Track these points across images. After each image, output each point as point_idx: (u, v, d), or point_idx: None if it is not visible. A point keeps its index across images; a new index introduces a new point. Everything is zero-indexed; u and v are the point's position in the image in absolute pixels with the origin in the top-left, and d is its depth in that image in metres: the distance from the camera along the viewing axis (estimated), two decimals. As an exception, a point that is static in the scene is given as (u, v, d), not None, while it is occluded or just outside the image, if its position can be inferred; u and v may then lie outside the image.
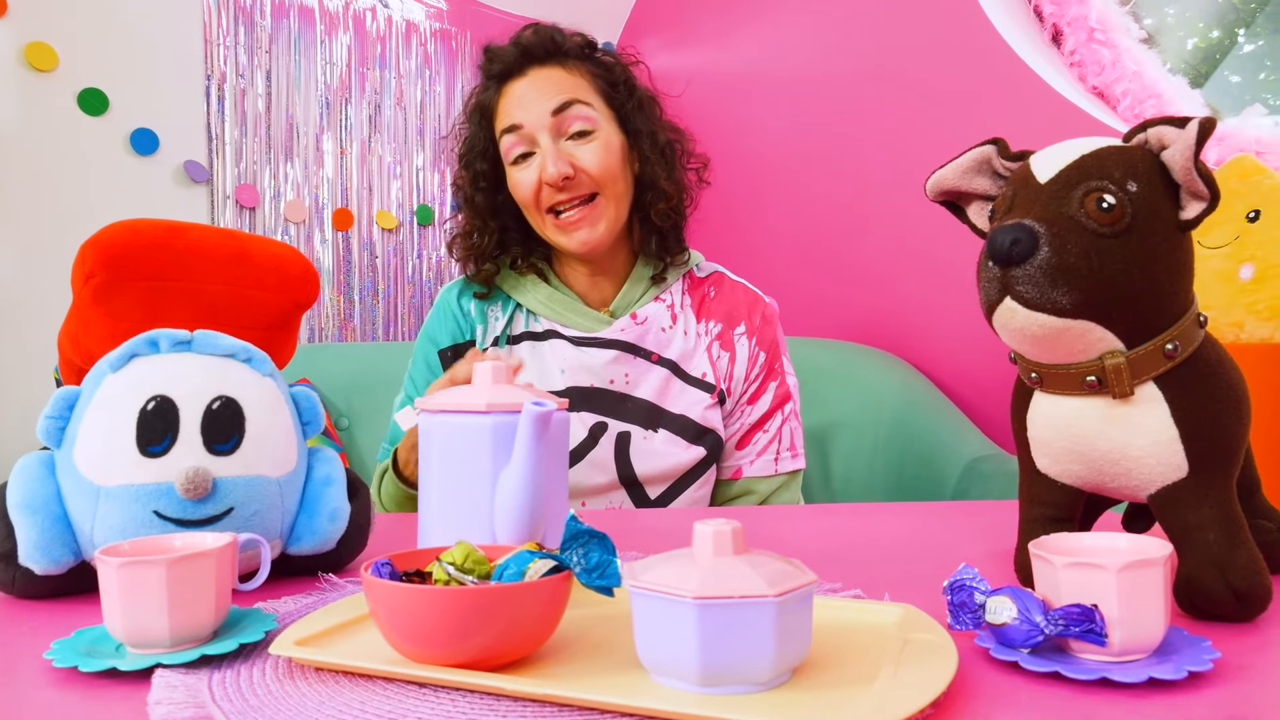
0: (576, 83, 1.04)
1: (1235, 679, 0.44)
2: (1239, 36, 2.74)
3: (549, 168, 0.99)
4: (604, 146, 1.02)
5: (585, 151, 1.01)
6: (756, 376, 1.09)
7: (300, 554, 0.62)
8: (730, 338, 1.09)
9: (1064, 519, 0.58)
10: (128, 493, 0.55)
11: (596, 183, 1.01)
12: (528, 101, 1.02)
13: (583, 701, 0.41)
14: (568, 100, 1.02)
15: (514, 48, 1.05)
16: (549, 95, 1.02)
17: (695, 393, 1.06)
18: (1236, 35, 2.72)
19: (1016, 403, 0.59)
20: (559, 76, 1.04)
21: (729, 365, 1.08)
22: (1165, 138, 0.50)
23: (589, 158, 1.01)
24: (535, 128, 1.01)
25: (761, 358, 1.10)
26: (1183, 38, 2.78)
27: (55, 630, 0.52)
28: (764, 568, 0.43)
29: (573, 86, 1.03)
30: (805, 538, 0.78)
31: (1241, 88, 2.85)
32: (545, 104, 1.01)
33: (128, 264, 0.63)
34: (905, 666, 0.44)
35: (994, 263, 0.50)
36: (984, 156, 0.58)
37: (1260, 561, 0.52)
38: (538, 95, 1.02)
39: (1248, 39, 2.84)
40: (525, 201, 1.04)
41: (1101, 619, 0.43)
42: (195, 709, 0.41)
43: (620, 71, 1.08)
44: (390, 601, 0.43)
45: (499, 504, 0.53)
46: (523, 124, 1.02)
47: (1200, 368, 0.52)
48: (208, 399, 0.57)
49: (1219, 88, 2.84)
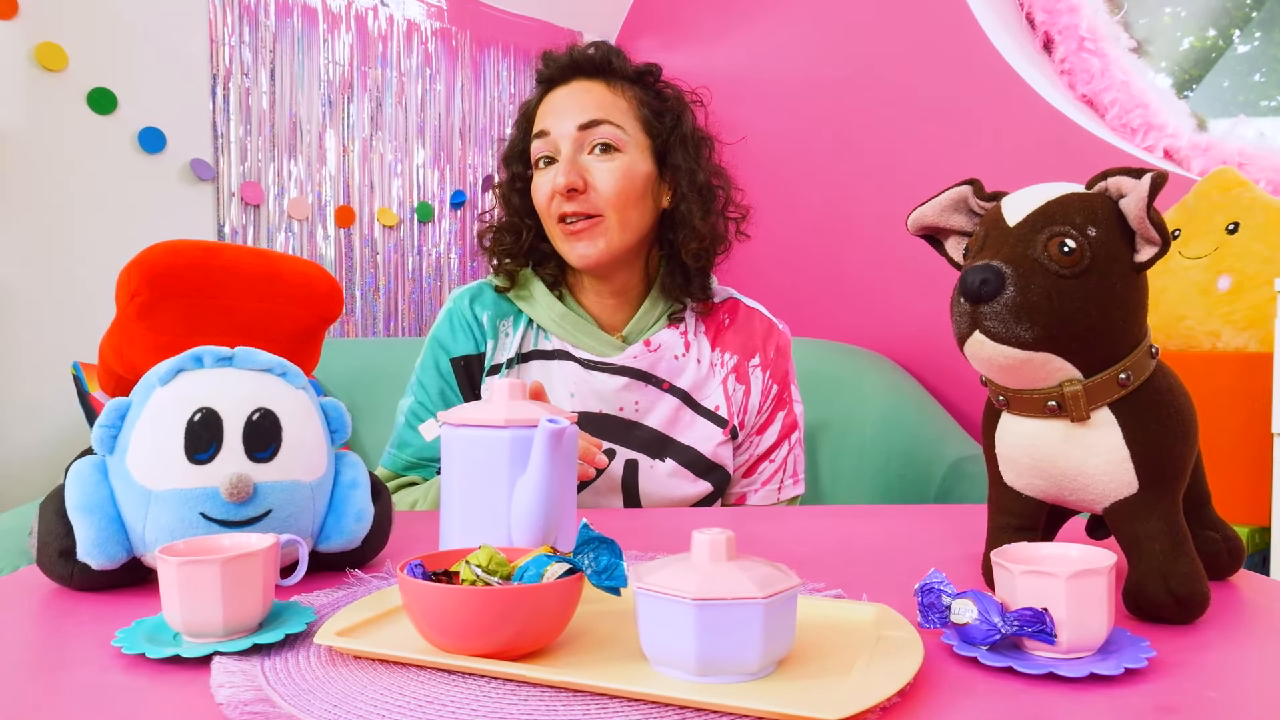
0: (615, 103, 1.05)
1: (1168, 675, 0.50)
2: (1234, 38, 2.78)
3: (559, 177, 1.02)
4: (623, 170, 1.03)
5: (602, 169, 1.03)
6: (767, 408, 1.11)
7: (329, 551, 0.68)
8: (745, 370, 1.11)
9: (1028, 528, 0.64)
10: (176, 496, 0.60)
11: (606, 202, 1.02)
12: (560, 111, 1.05)
13: (593, 688, 0.46)
14: (598, 119, 1.03)
15: (566, 57, 1.08)
16: (582, 109, 1.04)
17: (706, 426, 1.07)
18: (1232, 37, 2.76)
19: (986, 422, 0.64)
20: (599, 93, 1.05)
21: (744, 399, 1.10)
22: (1123, 187, 0.56)
23: (604, 177, 1.02)
24: (560, 137, 1.04)
25: (774, 390, 1.12)
26: (1179, 37, 2.82)
27: (113, 619, 0.57)
28: (753, 572, 0.48)
29: (609, 106, 1.05)
30: (793, 540, 0.83)
31: (1234, 90, 2.91)
32: (575, 117, 1.03)
33: (169, 283, 0.68)
34: (878, 660, 0.49)
35: (965, 300, 0.55)
36: (961, 196, 0.63)
37: (1200, 570, 0.58)
38: (571, 107, 1.04)
39: (1242, 40, 2.88)
40: (539, 206, 1.06)
41: (1051, 621, 0.49)
42: (254, 691, 0.46)
43: (673, 105, 1.09)
44: (424, 599, 0.48)
45: (516, 510, 0.58)
46: (550, 131, 1.04)
47: (1151, 395, 0.58)
48: (248, 411, 0.62)
49: (1211, 90, 2.88)
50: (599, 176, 1.03)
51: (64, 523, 0.62)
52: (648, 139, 1.07)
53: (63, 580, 0.63)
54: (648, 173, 1.06)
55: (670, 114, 1.09)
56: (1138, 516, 0.58)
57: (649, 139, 1.07)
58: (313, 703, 0.45)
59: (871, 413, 1.94)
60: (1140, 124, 2.01)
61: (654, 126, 1.07)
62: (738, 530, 0.51)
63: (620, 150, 1.04)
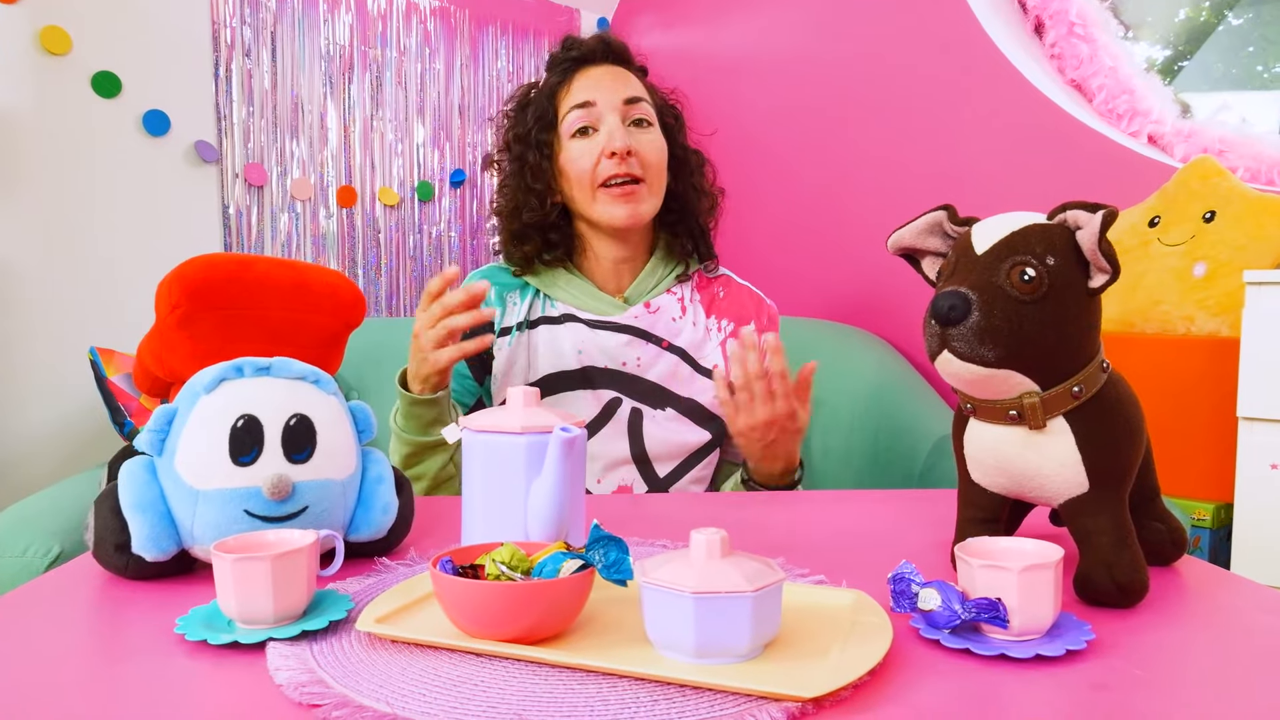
0: (640, 88, 1.20)
1: (1105, 655, 0.57)
2: (1228, 15, 2.81)
3: (616, 140, 1.12)
4: (658, 143, 1.17)
5: (645, 139, 1.15)
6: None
7: (358, 541, 0.74)
8: None
9: (992, 519, 0.71)
10: (222, 495, 0.66)
11: (646, 167, 1.15)
12: (604, 85, 1.16)
13: (604, 669, 0.53)
14: (637, 96, 1.17)
15: (596, 40, 1.20)
16: (624, 85, 1.17)
17: (705, 381, 1.19)
18: (1225, 14, 2.79)
19: (956, 426, 0.71)
20: (629, 77, 1.19)
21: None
22: (1079, 220, 0.62)
23: (647, 146, 1.15)
24: (606, 108, 1.15)
25: None
26: (1175, 7, 2.85)
27: (169, 607, 0.64)
28: (744, 567, 0.55)
29: (639, 88, 1.19)
30: (782, 527, 0.90)
31: (1226, 64, 2.95)
32: (620, 91, 1.16)
33: (207, 295, 0.74)
34: (853, 643, 0.56)
35: (935, 322, 0.61)
36: (936, 221, 0.69)
37: (1141, 561, 0.65)
38: (613, 82, 1.17)
39: (1236, 14, 2.91)
40: (580, 172, 1.15)
41: (1004, 609, 0.56)
42: (307, 674, 0.53)
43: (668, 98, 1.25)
44: (455, 593, 0.55)
45: (531, 509, 0.65)
46: (595, 101, 1.15)
47: (1101, 405, 0.64)
48: (286, 416, 0.68)
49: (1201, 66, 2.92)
50: (643, 145, 1.15)
51: (119, 519, 0.68)
52: (659, 122, 1.21)
53: (118, 571, 0.69)
54: (665, 146, 1.20)
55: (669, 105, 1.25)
56: (1087, 513, 0.65)
57: (660, 123, 1.21)
58: (360, 683, 0.52)
59: (862, 390, 2.00)
60: (1126, 109, 2.06)
61: (663, 111, 1.22)
62: (734, 517, 0.57)
63: (654, 125, 1.18)
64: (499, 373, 1.16)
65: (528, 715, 0.48)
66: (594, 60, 1.19)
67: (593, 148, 1.14)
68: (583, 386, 1.15)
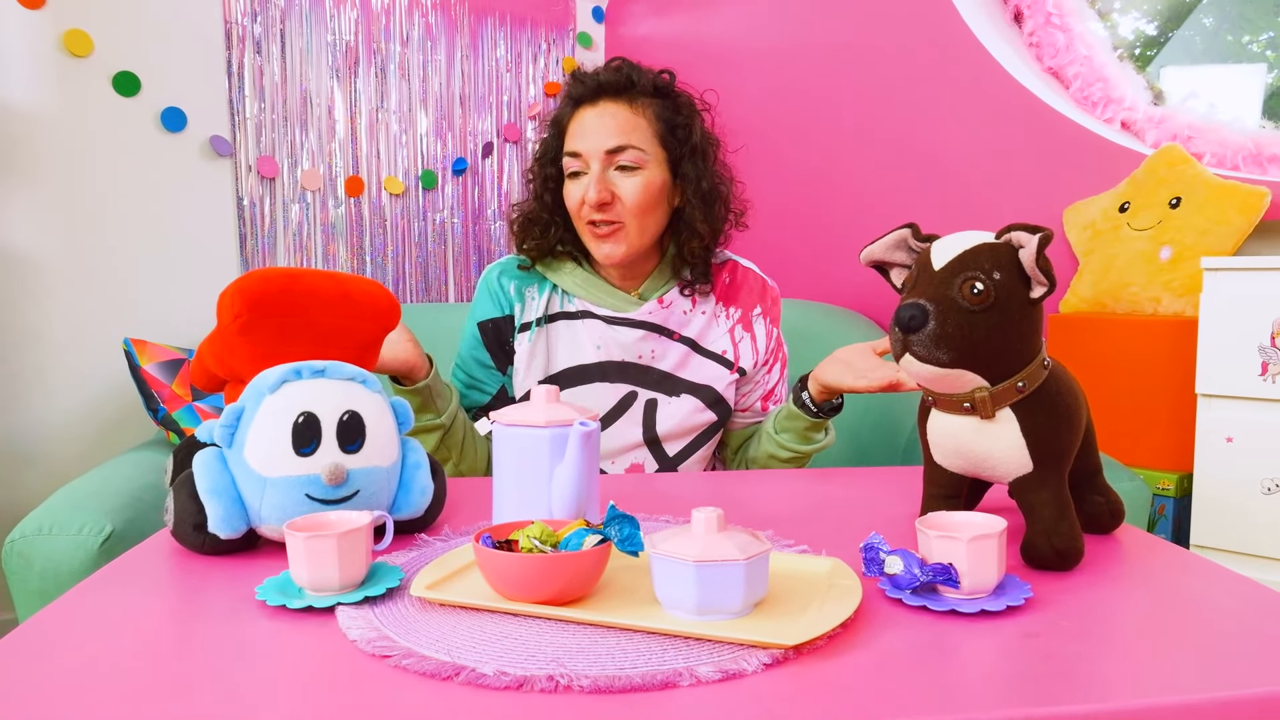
0: (637, 124, 1.22)
1: (1040, 610, 0.68)
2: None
3: (591, 192, 1.20)
4: (644, 184, 1.22)
5: (627, 184, 1.21)
6: (771, 349, 1.36)
7: (400, 519, 0.85)
8: (750, 320, 1.34)
9: (952, 495, 0.82)
10: (286, 482, 0.77)
11: (628, 212, 1.21)
12: (589, 134, 1.22)
13: (620, 624, 0.64)
14: (622, 144, 1.21)
15: (593, 79, 1.24)
16: (610, 134, 1.21)
17: (714, 367, 1.30)
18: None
19: (921, 414, 0.81)
20: (624, 116, 1.22)
21: (751, 344, 1.33)
22: (1022, 240, 0.72)
23: (628, 191, 1.21)
24: (590, 157, 1.22)
25: (775, 334, 1.36)
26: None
27: (243, 579, 0.74)
28: (737, 539, 0.65)
29: (630, 129, 1.22)
30: (771, 503, 1.01)
31: (1209, 36, 3.02)
32: (603, 141, 1.21)
33: (264, 305, 0.84)
34: (829, 600, 0.67)
35: (898, 329, 0.72)
36: (902, 238, 0.79)
37: (1078, 531, 0.76)
38: (599, 131, 1.21)
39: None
40: (571, 210, 1.26)
41: (956, 572, 0.67)
42: (375, 631, 0.63)
43: (685, 113, 1.26)
44: (495, 563, 0.66)
45: (555, 491, 0.75)
46: (581, 153, 1.22)
47: (1043, 397, 0.75)
48: (340, 413, 0.78)
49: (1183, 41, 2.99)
50: (624, 190, 1.21)
51: (196, 503, 0.79)
52: (664, 152, 1.25)
53: (195, 548, 0.80)
54: (663, 181, 1.25)
55: (683, 126, 1.26)
56: (1032, 489, 0.76)
57: (665, 152, 1.25)
58: (419, 639, 0.63)
59: (849, 369, 2.10)
60: (1100, 97, 2.14)
61: (669, 140, 1.25)
62: (730, 496, 0.68)
63: (641, 168, 1.22)
64: (519, 365, 1.28)
65: (561, 661, 0.59)
66: (591, 99, 1.23)
67: (579, 191, 1.23)
68: (600, 379, 1.26)
